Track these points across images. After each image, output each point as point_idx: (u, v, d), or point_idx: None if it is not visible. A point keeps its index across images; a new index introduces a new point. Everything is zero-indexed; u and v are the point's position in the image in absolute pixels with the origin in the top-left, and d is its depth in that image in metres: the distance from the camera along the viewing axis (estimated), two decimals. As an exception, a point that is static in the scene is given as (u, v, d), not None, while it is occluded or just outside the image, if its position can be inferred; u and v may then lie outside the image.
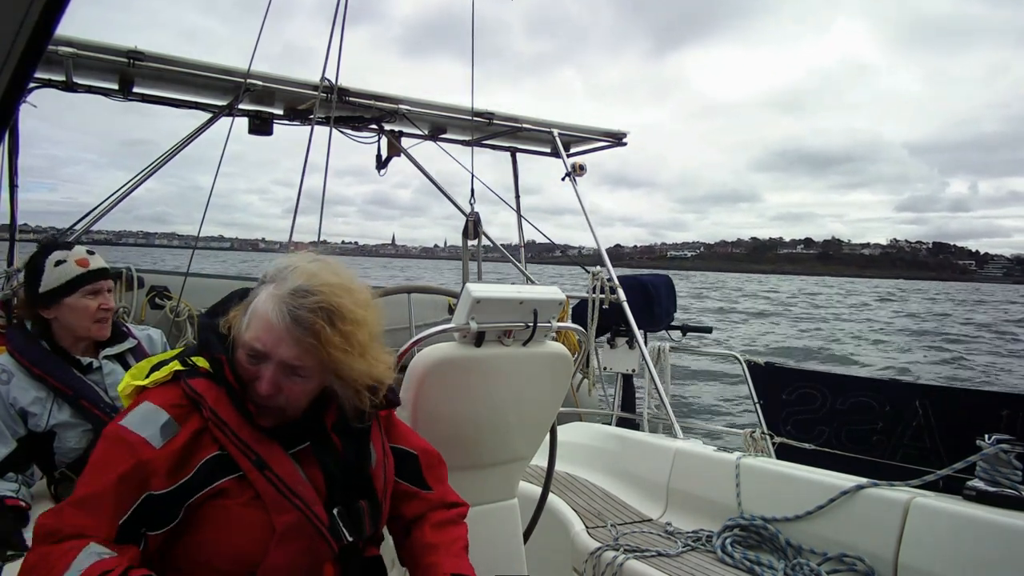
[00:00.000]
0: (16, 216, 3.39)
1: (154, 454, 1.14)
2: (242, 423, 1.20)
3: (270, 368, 1.19)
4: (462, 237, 4.60)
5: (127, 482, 1.12)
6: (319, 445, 1.28)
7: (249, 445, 1.19)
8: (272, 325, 1.17)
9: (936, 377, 13.23)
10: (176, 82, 3.60)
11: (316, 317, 1.16)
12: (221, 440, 1.19)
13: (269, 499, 1.18)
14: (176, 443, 1.16)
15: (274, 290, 1.19)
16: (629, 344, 4.49)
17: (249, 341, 1.19)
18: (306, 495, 1.21)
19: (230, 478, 1.19)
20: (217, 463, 1.18)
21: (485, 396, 1.84)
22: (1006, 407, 3.57)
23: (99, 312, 2.05)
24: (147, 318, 4.22)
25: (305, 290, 1.17)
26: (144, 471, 1.13)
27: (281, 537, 1.18)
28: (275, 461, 1.20)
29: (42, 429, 1.95)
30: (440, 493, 1.49)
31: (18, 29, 0.50)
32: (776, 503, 2.49)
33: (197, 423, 1.19)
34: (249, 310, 1.22)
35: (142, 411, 1.19)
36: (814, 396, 4.38)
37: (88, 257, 2.08)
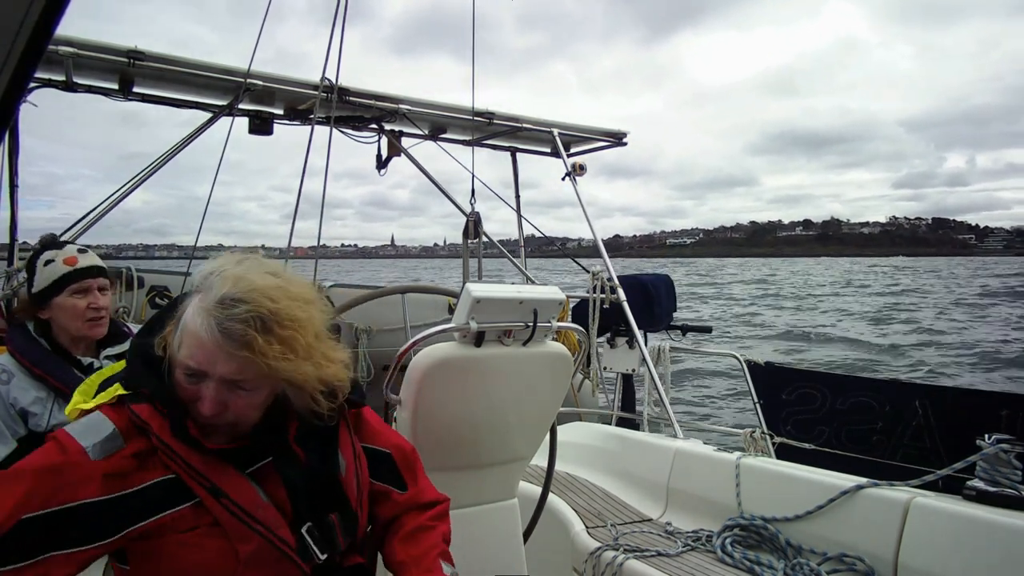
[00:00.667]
0: (16, 216, 3.39)
1: (88, 464, 1.05)
2: (191, 449, 1.11)
3: (210, 386, 1.10)
4: (463, 237, 4.60)
5: (48, 476, 1.03)
6: (281, 459, 1.19)
7: (201, 472, 1.10)
8: (202, 341, 1.07)
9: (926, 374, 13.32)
10: (176, 82, 3.61)
11: (248, 328, 1.06)
12: (172, 467, 1.11)
13: (229, 527, 1.10)
14: (116, 458, 1.08)
15: (199, 302, 1.10)
16: (629, 344, 4.49)
17: (183, 360, 1.10)
18: (268, 519, 1.13)
19: (185, 506, 1.11)
20: (169, 488, 1.10)
21: (485, 396, 1.84)
22: (1006, 407, 3.56)
23: (89, 311, 2.01)
24: (147, 318, 4.22)
25: (232, 299, 1.07)
26: (71, 476, 1.04)
27: (246, 566, 1.10)
28: (231, 486, 1.12)
29: (43, 429, 1.95)
30: (414, 492, 1.40)
31: (18, 29, 0.50)
32: (776, 503, 2.49)
33: (144, 443, 1.11)
34: (180, 326, 1.12)
35: (88, 420, 1.12)
36: (814, 396, 4.38)
37: (78, 255, 2.04)
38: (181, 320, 1.12)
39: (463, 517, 1.90)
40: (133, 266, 4.41)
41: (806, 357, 15.90)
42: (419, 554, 1.31)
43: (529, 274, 5.24)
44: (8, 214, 3.37)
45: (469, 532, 1.90)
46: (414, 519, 1.38)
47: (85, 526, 1.04)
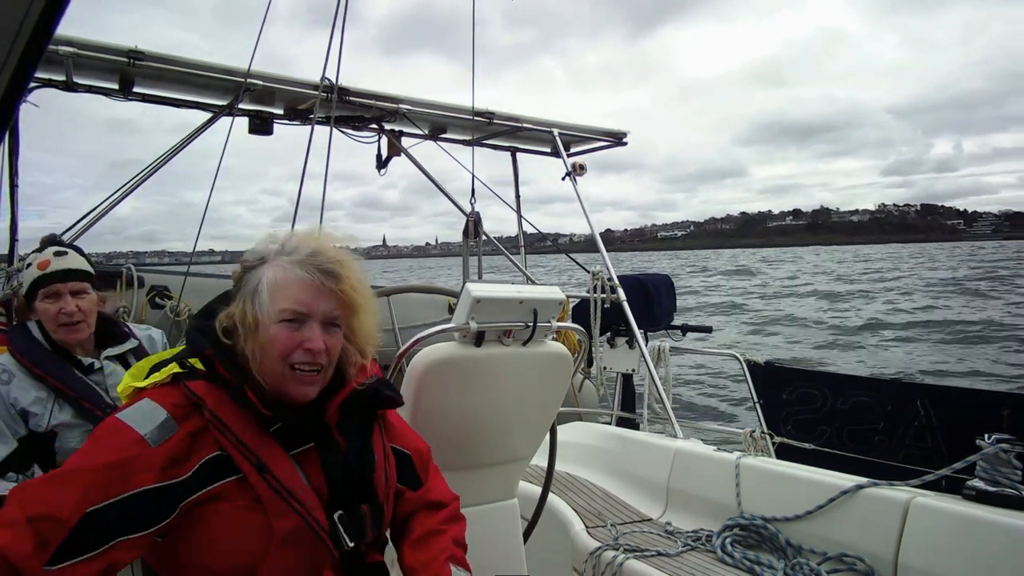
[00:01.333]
0: (16, 216, 3.38)
1: (148, 452, 1.11)
2: (243, 424, 1.18)
3: (314, 326, 1.22)
4: (463, 236, 4.61)
5: (111, 470, 1.08)
6: (323, 446, 1.26)
7: (250, 447, 1.17)
8: (307, 285, 1.22)
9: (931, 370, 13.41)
10: (176, 82, 3.60)
11: (339, 268, 1.24)
12: (221, 442, 1.17)
13: (268, 503, 1.16)
14: (172, 442, 1.14)
15: (285, 261, 1.23)
16: (629, 344, 4.48)
17: (286, 307, 1.21)
18: (306, 500, 1.19)
19: (229, 480, 1.16)
20: (217, 464, 1.16)
21: (485, 396, 1.84)
22: (1007, 407, 3.56)
23: (61, 316, 1.97)
24: (147, 318, 4.22)
25: (320, 251, 1.25)
26: (133, 466, 1.09)
27: (280, 542, 1.15)
28: (276, 464, 1.18)
29: (43, 429, 1.95)
30: (423, 492, 1.45)
31: (18, 29, 0.50)
32: (776, 503, 2.49)
33: (197, 423, 1.17)
34: (260, 288, 1.22)
35: (141, 408, 1.17)
36: (814, 396, 4.38)
37: (52, 259, 2.01)
38: (261, 283, 1.23)
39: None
40: (133, 267, 4.40)
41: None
42: (428, 559, 1.35)
43: (528, 273, 5.24)
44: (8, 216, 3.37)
45: (469, 532, 1.90)
46: (424, 523, 1.41)
47: (146, 511, 1.10)
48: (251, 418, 1.20)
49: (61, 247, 2.09)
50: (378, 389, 1.37)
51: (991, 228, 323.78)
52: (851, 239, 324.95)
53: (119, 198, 3.60)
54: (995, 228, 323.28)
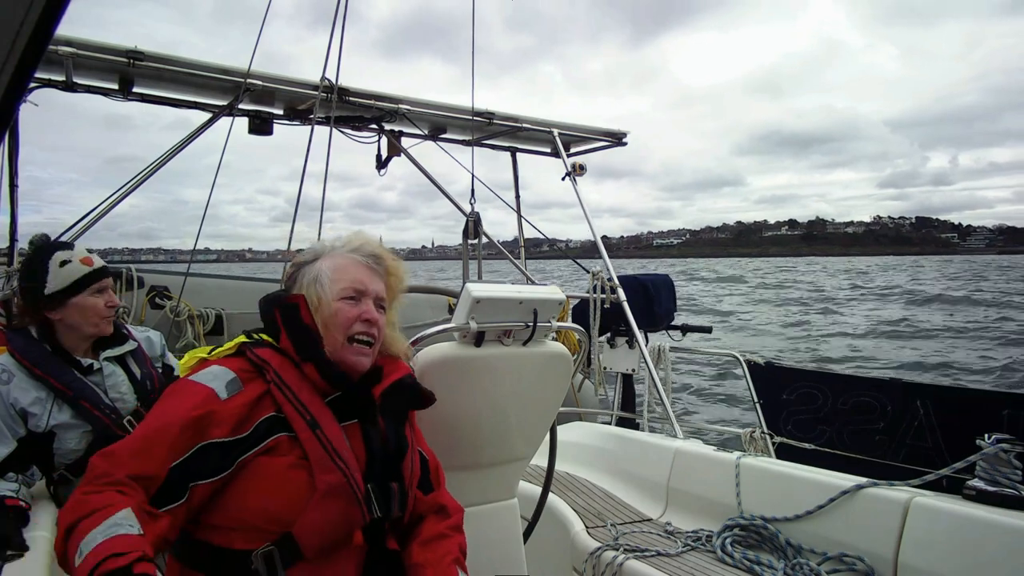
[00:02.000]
0: (16, 216, 3.38)
1: (220, 405, 1.24)
2: (303, 386, 1.31)
3: (368, 303, 1.42)
4: (463, 237, 4.60)
5: (188, 429, 1.20)
6: (366, 423, 1.38)
7: (306, 406, 1.29)
8: (363, 268, 1.45)
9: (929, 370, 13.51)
10: (176, 82, 3.60)
11: (386, 260, 1.50)
12: (280, 401, 1.29)
13: (315, 458, 1.26)
14: (240, 399, 1.26)
15: (342, 250, 1.47)
16: (629, 344, 4.49)
17: (350, 285, 1.42)
18: (349, 461, 1.29)
19: (281, 435, 1.27)
20: (272, 422, 1.28)
21: (485, 396, 1.84)
22: (1007, 407, 3.56)
23: (106, 309, 2.08)
24: (147, 318, 4.22)
25: (368, 245, 1.50)
26: (207, 420, 1.21)
27: (322, 496, 1.24)
28: (326, 424, 1.30)
29: (42, 429, 1.95)
30: (435, 496, 1.53)
31: (18, 29, 0.50)
32: (776, 503, 2.49)
33: (260, 387, 1.30)
34: (321, 275, 1.42)
35: (209, 369, 1.31)
36: (815, 396, 4.38)
37: (90, 256, 2.09)
38: (319, 275, 1.43)
39: (463, 517, 1.90)
40: (133, 267, 4.40)
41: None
42: (436, 559, 1.42)
43: (529, 274, 5.24)
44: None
45: (469, 532, 1.90)
46: (434, 525, 1.49)
47: (217, 461, 1.22)
48: (308, 384, 1.33)
49: (68, 246, 2.11)
50: (415, 384, 1.51)
51: (985, 242, 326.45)
52: (846, 250, 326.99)
53: (119, 198, 3.60)
54: (989, 242, 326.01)
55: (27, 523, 1.83)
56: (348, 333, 1.39)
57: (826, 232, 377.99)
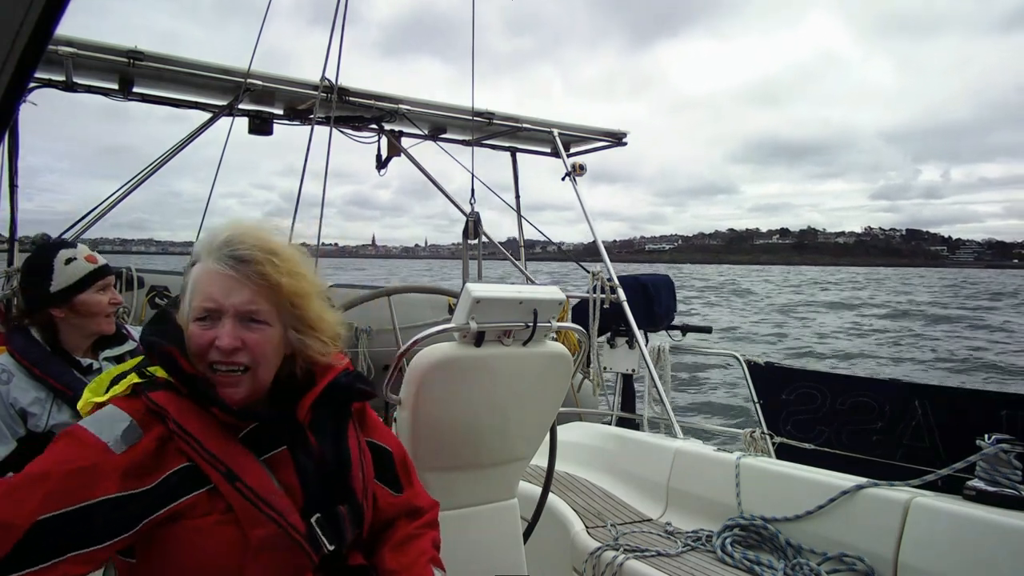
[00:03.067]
0: (16, 216, 3.38)
1: (111, 458, 1.06)
2: (209, 433, 1.13)
3: (227, 322, 1.15)
4: (462, 237, 4.60)
5: (72, 478, 1.03)
6: (295, 447, 1.21)
7: (217, 456, 1.12)
8: (214, 277, 1.15)
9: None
10: (176, 82, 3.60)
11: (257, 253, 1.16)
12: (188, 453, 1.12)
13: (241, 512, 1.11)
14: (137, 449, 1.08)
15: (205, 254, 1.17)
16: (629, 344, 4.48)
17: (197, 306, 1.15)
18: (280, 505, 1.13)
19: (200, 492, 1.11)
20: (185, 476, 1.11)
21: (485, 396, 1.84)
22: (1006, 407, 3.56)
23: (110, 306, 2.10)
24: (147, 318, 4.22)
25: (235, 238, 1.17)
26: (95, 473, 1.04)
27: (256, 551, 1.10)
28: (246, 471, 1.13)
29: (41, 429, 1.95)
30: (410, 495, 1.42)
31: (18, 29, 0.50)
32: (776, 503, 2.48)
33: (162, 432, 1.12)
34: (187, 291, 1.19)
35: (104, 413, 1.12)
36: (814, 396, 4.38)
37: (93, 254, 2.10)
38: (188, 285, 1.18)
39: (463, 517, 1.90)
40: (133, 267, 4.40)
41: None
42: (409, 562, 1.32)
43: (528, 273, 5.24)
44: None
45: (469, 532, 1.90)
46: (404, 527, 1.38)
47: (105, 523, 1.04)
48: (217, 425, 1.14)
49: (71, 245, 2.13)
50: (350, 383, 1.31)
51: (973, 256, 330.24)
52: (836, 260, 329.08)
53: (124, 193, 3.60)
54: (977, 256, 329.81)
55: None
56: (205, 361, 1.15)
57: (816, 242, 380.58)
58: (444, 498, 1.56)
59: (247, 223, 1.22)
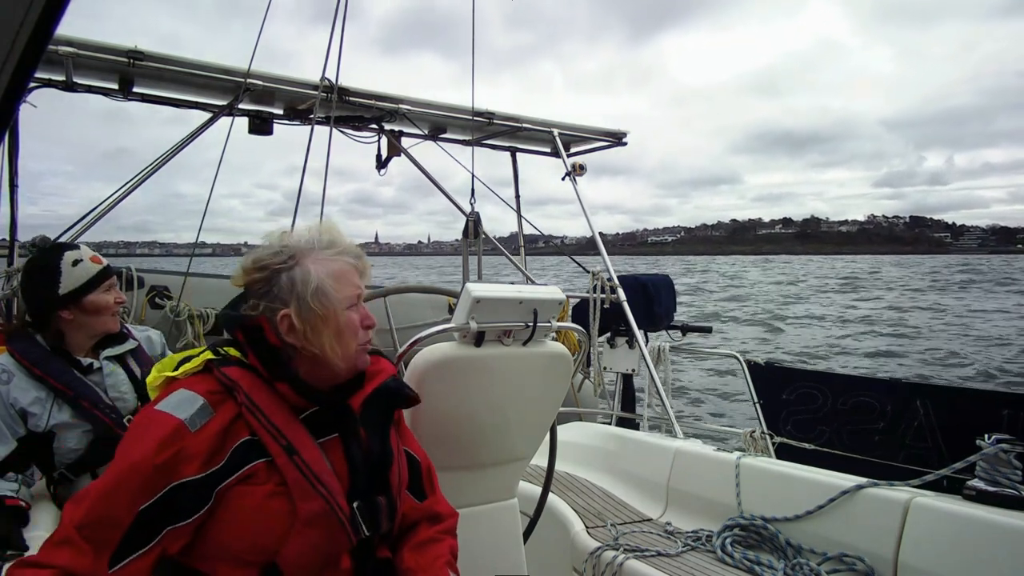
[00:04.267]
0: (16, 216, 3.38)
1: (190, 439, 1.16)
2: (275, 408, 1.24)
3: (362, 306, 1.35)
4: (463, 236, 4.61)
5: (159, 469, 1.13)
6: (347, 437, 1.31)
7: (280, 430, 1.22)
8: (353, 271, 1.33)
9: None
10: (176, 82, 3.60)
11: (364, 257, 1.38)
12: (253, 425, 1.21)
13: (295, 485, 1.20)
14: (212, 428, 1.18)
15: (329, 252, 1.32)
16: (629, 344, 4.49)
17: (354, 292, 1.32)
18: (331, 485, 1.23)
19: (259, 462, 1.20)
20: (248, 448, 1.21)
21: (485, 396, 1.84)
22: (1006, 407, 3.56)
23: (116, 306, 2.12)
24: (147, 318, 4.22)
25: (347, 244, 1.36)
26: (178, 458, 1.14)
27: (303, 524, 1.19)
28: (304, 448, 1.23)
29: (42, 429, 1.95)
30: (430, 503, 1.50)
31: (18, 29, 0.50)
32: (776, 503, 2.48)
33: (231, 411, 1.22)
34: (323, 286, 1.27)
35: (178, 396, 1.21)
36: (814, 396, 4.38)
37: (96, 254, 2.12)
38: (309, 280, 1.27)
39: (463, 517, 1.89)
40: (133, 267, 4.40)
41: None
42: (427, 563, 1.39)
43: (528, 273, 5.24)
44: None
45: (469, 532, 1.90)
46: (426, 530, 1.46)
47: (191, 500, 1.15)
48: (282, 404, 1.25)
49: (75, 247, 2.13)
50: (399, 388, 1.43)
51: (978, 242, 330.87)
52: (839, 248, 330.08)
53: (120, 197, 3.60)
54: (982, 242, 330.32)
55: (27, 523, 1.84)
56: (358, 341, 1.32)
57: (819, 231, 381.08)
58: (444, 497, 1.57)
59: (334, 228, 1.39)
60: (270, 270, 1.28)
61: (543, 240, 12.34)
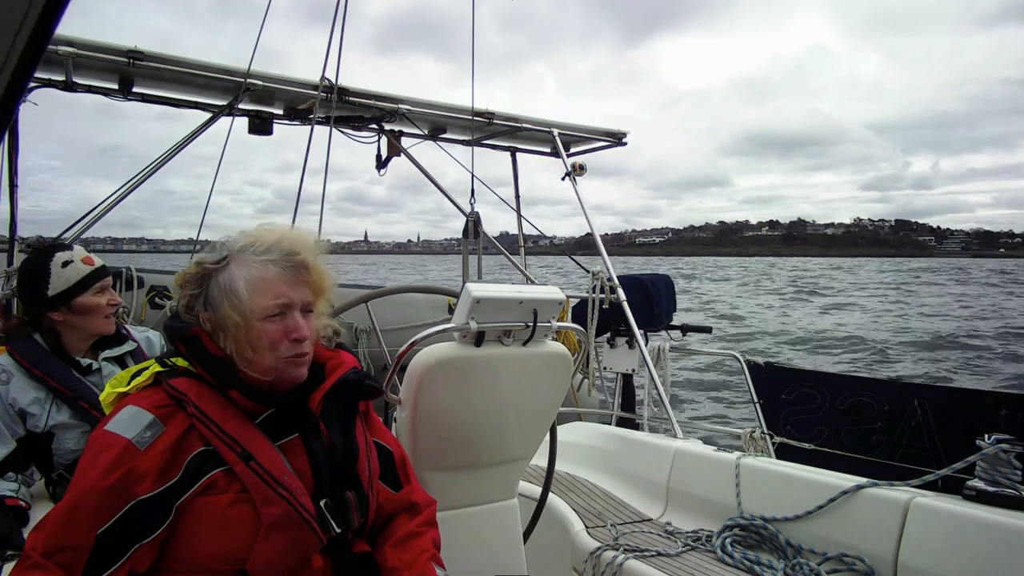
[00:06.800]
0: (16, 216, 3.38)
1: (139, 458, 1.14)
2: (227, 416, 1.21)
3: (295, 316, 1.28)
4: (462, 236, 4.61)
5: (111, 492, 1.12)
6: (308, 436, 1.29)
7: (234, 438, 1.20)
8: (285, 278, 1.27)
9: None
10: (176, 82, 3.60)
11: (311, 260, 1.31)
12: (206, 435, 1.19)
13: (255, 491, 1.18)
14: (162, 443, 1.17)
15: (260, 258, 1.27)
16: (629, 344, 4.48)
17: (269, 303, 1.25)
18: (292, 486, 1.21)
19: (217, 472, 1.19)
20: (203, 459, 1.19)
21: (485, 396, 1.84)
22: (1006, 407, 3.57)
23: (108, 308, 2.08)
24: (147, 318, 4.22)
25: (295, 247, 1.30)
26: (128, 478, 1.13)
27: (268, 529, 1.18)
28: (261, 452, 1.21)
29: (41, 430, 1.95)
30: (406, 492, 1.48)
31: (18, 29, 0.50)
32: (776, 503, 2.49)
33: (182, 423, 1.20)
34: (230, 288, 1.25)
35: (126, 413, 1.19)
36: (814, 396, 4.38)
37: (90, 256, 2.10)
38: (230, 286, 1.25)
39: (463, 517, 1.90)
40: (133, 266, 4.40)
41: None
42: (411, 559, 1.37)
43: (527, 273, 5.24)
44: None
45: (469, 532, 1.90)
46: (405, 524, 1.44)
47: (150, 517, 1.14)
48: (234, 410, 1.23)
49: (67, 247, 2.12)
50: (359, 380, 1.40)
51: (961, 246, 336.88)
52: (824, 251, 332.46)
53: (125, 193, 3.60)
54: (965, 246, 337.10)
55: (27, 523, 1.84)
56: (278, 354, 1.25)
57: (805, 233, 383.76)
58: (444, 498, 1.56)
59: (292, 231, 1.35)
60: (204, 269, 1.29)
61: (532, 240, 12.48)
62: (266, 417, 1.26)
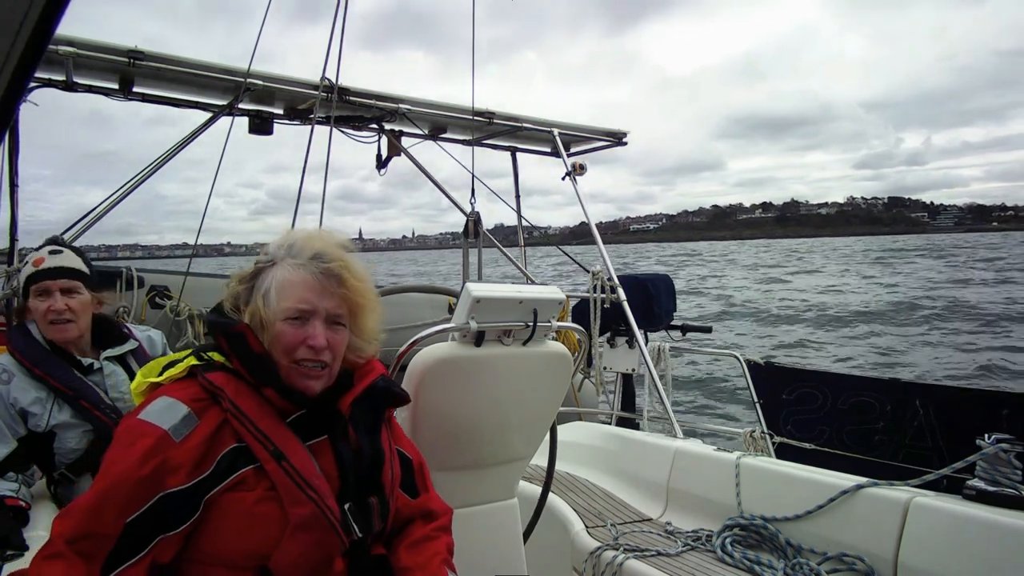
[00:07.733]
0: (16, 216, 3.38)
1: (174, 449, 1.15)
2: (262, 414, 1.23)
3: (316, 324, 1.27)
4: (463, 236, 4.61)
5: (143, 482, 1.12)
6: (336, 439, 1.31)
7: (267, 436, 1.21)
8: (311, 284, 1.28)
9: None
10: (176, 82, 3.60)
11: (343, 270, 1.30)
12: (240, 432, 1.21)
13: (284, 490, 1.19)
14: (197, 437, 1.17)
15: (291, 262, 1.30)
16: (629, 344, 4.49)
17: (291, 306, 1.26)
18: (320, 488, 1.22)
19: (247, 469, 1.20)
20: (235, 455, 1.20)
21: (485, 396, 1.84)
22: (1006, 406, 3.57)
23: (49, 314, 1.96)
24: (147, 318, 4.22)
25: (325, 253, 1.30)
26: (162, 469, 1.13)
27: (295, 528, 1.19)
28: (292, 452, 1.22)
29: (42, 429, 1.95)
30: (423, 500, 1.49)
31: (18, 29, 0.50)
32: (776, 503, 2.48)
33: (217, 417, 1.21)
34: (267, 288, 1.29)
35: (161, 404, 1.20)
36: (814, 396, 4.38)
37: (47, 256, 2.00)
38: (269, 282, 1.29)
39: (463, 517, 1.90)
40: (133, 267, 4.40)
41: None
42: (424, 561, 1.38)
43: (528, 273, 5.24)
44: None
45: (469, 532, 1.90)
46: (420, 528, 1.45)
47: (179, 510, 1.15)
48: (268, 408, 1.24)
49: (58, 246, 2.10)
50: (389, 387, 1.42)
51: (954, 221, 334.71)
52: (818, 231, 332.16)
53: (122, 195, 3.60)
54: (958, 221, 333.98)
55: (27, 523, 1.84)
56: (293, 358, 1.26)
57: (798, 214, 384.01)
58: (444, 498, 1.56)
59: (328, 236, 1.36)
60: (256, 268, 1.32)
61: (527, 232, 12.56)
62: (296, 417, 1.27)
